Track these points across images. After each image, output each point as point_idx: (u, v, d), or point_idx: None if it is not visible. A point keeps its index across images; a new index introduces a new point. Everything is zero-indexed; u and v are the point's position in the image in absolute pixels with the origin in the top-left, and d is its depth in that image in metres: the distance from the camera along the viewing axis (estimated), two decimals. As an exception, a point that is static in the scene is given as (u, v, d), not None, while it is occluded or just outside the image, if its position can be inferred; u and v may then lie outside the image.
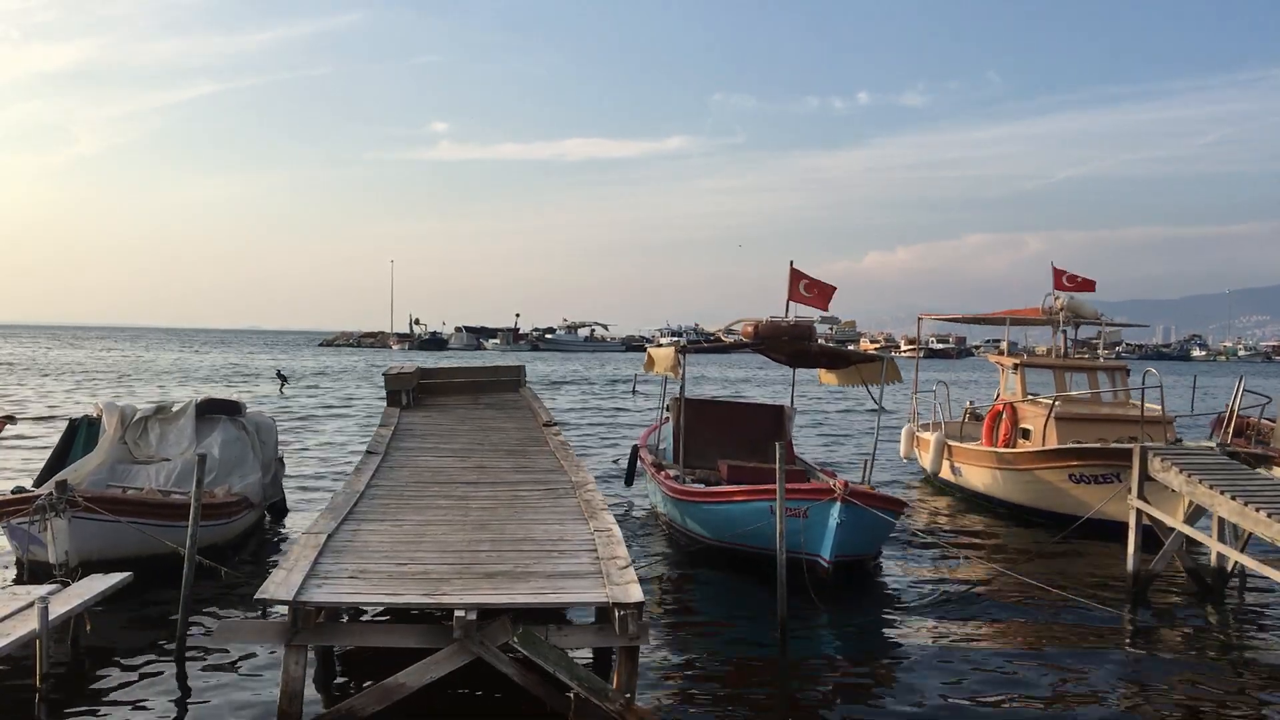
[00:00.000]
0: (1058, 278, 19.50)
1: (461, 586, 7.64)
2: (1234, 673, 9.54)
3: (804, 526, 11.28)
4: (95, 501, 10.84)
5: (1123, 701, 8.65)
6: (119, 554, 10.60)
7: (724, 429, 16.20)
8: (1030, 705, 8.46)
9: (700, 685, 8.76)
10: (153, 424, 13.70)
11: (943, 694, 8.67)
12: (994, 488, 17.37)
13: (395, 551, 8.63)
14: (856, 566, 12.29)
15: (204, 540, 10.53)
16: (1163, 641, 10.50)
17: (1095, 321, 20.15)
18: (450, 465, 12.70)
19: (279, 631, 7.18)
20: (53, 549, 10.53)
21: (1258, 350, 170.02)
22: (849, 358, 16.70)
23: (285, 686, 7.15)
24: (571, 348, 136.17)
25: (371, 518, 9.85)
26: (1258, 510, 10.23)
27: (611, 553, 8.51)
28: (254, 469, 13.90)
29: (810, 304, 15.56)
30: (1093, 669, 9.40)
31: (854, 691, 8.74)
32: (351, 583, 7.72)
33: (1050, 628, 10.72)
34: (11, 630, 7.91)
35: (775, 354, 16.58)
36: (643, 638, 7.27)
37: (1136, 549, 11.95)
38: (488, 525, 9.66)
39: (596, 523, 9.66)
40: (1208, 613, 11.60)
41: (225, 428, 13.96)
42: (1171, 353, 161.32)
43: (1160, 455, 11.96)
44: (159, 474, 12.93)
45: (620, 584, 7.63)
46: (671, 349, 15.75)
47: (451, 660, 7.23)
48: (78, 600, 8.81)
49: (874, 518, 11.84)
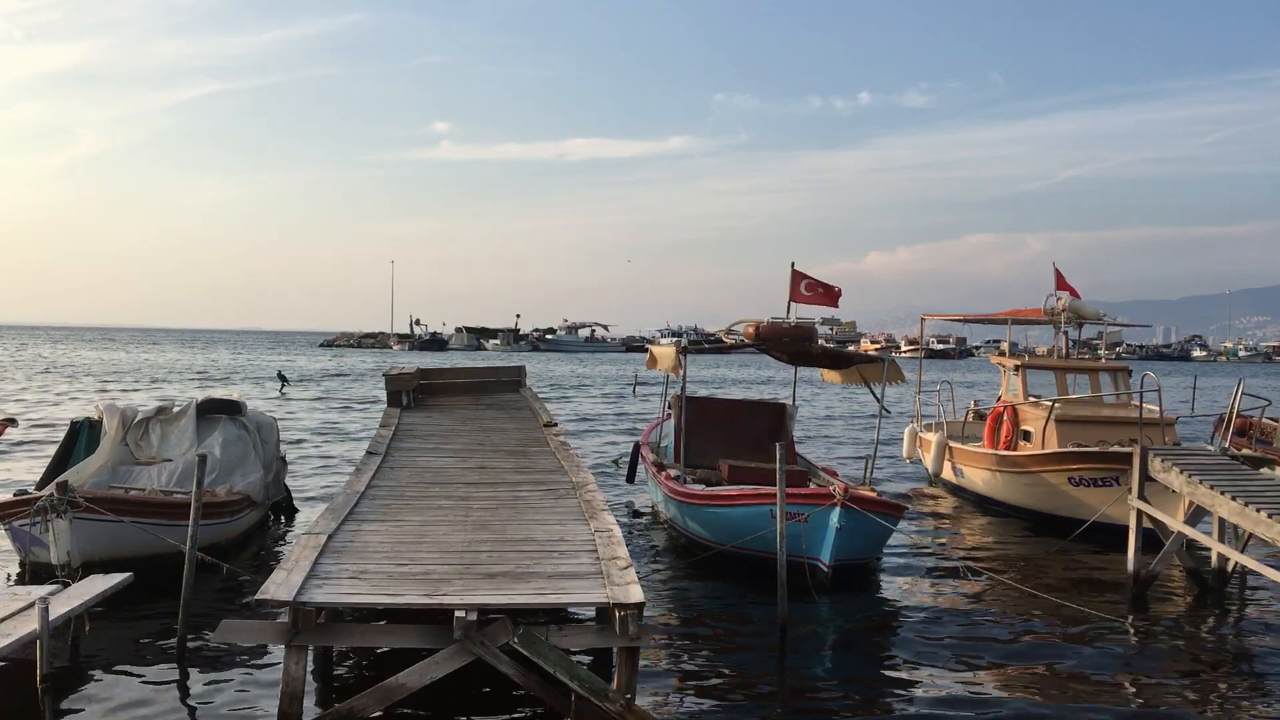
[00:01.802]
0: (1060, 279, 19.49)
1: (462, 587, 7.65)
2: (1235, 673, 9.54)
3: (804, 531, 11.29)
4: (96, 502, 10.85)
5: (1123, 702, 8.64)
6: (121, 554, 10.62)
7: (725, 427, 16.17)
8: (1031, 705, 8.45)
9: (700, 686, 8.76)
10: (154, 425, 13.71)
11: (943, 695, 8.67)
12: (995, 490, 17.36)
13: (396, 552, 8.64)
14: (857, 570, 12.29)
15: (205, 539, 10.55)
16: (1163, 642, 10.49)
17: (1097, 322, 20.11)
18: (451, 466, 12.70)
19: (279, 632, 7.19)
20: (54, 550, 10.54)
21: (1258, 351, 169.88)
22: (850, 359, 16.70)
23: (286, 687, 7.16)
24: (572, 348, 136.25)
25: (372, 518, 9.85)
26: (1258, 511, 10.23)
27: (612, 553, 8.52)
28: (256, 468, 13.92)
29: (819, 303, 15.57)
30: (1094, 669, 9.40)
31: (854, 693, 8.74)
32: (352, 583, 7.72)
33: (1050, 629, 10.71)
34: (12, 631, 7.93)
35: (777, 354, 16.59)
36: (643, 638, 7.29)
37: (1137, 550, 11.95)
38: (488, 526, 9.66)
39: (597, 523, 9.66)
40: (1208, 613, 11.59)
41: (226, 427, 13.97)
42: (1172, 353, 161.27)
43: (1161, 456, 11.95)
44: (161, 474, 12.94)
45: (621, 584, 7.63)
46: (673, 348, 15.75)
47: (452, 661, 7.23)
48: (78, 601, 8.81)
49: (874, 522, 11.85)
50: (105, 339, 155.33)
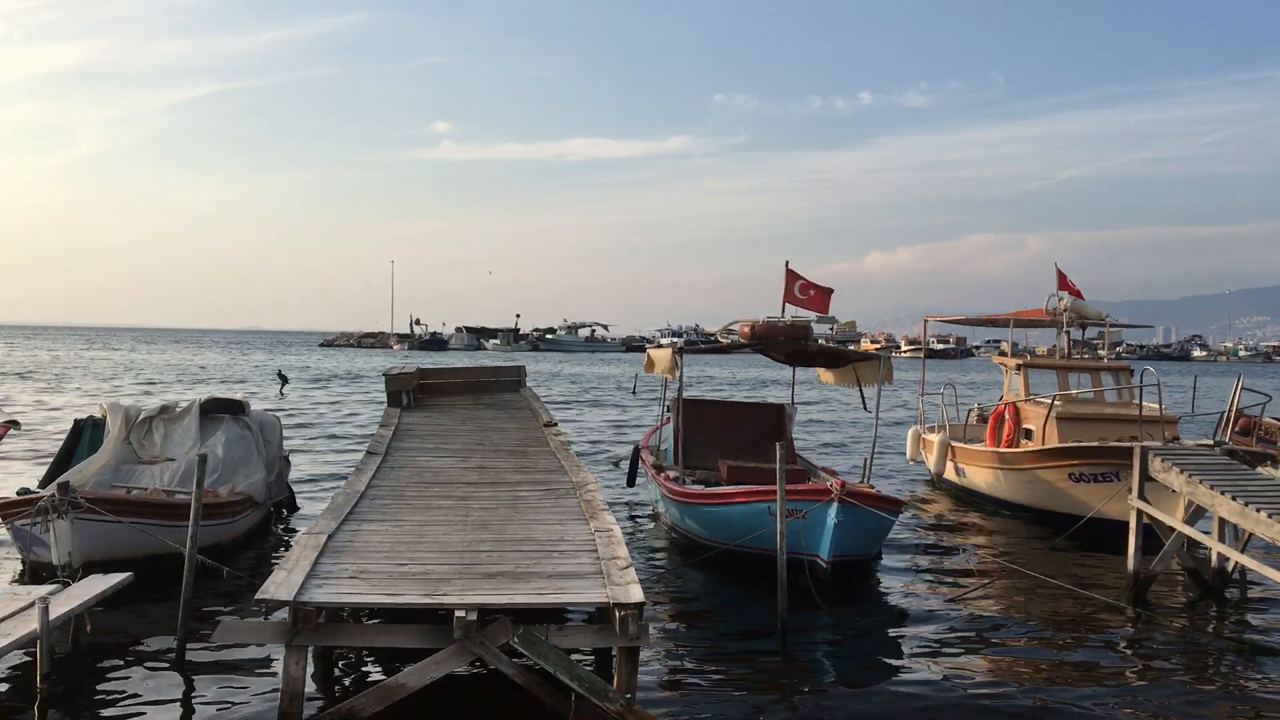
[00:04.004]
0: (1062, 279, 19.49)
1: (462, 587, 7.65)
2: (1234, 673, 9.54)
3: (802, 528, 11.29)
4: (97, 502, 10.85)
5: (1123, 702, 8.64)
6: (122, 554, 10.62)
7: (724, 429, 16.18)
8: (1031, 705, 8.45)
9: (700, 685, 8.76)
10: (157, 424, 13.73)
11: (942, 694, 8.67)
12: (995, 488, 17.37)
13: (396, 552, 8.65)
14: (856, 566, 12.29)
15: (207, 540, 10.56)
16: (1163, 642, 10.49)
17: (1099, 322, 20.11)
18: (451, 466, 12.71)
19: (279, 632, 7.19)
20: (55, 550, 10.54)
21: (1258, 351, 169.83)
22: (846, 357, 16.70)
23: (286, 687, 7.16)
24: (572, 348, 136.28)
25: (372, 518, 9.86)
26: (1258, 510, 10.23)
27: (612, 553, 8.52)
28: (258, 468, 13.92)
29: (807, 306, 15.55)
30: (1093, 669, 9.41)
31: (854, 691, 8.74)
32: (352, 583, 7.73)
33: (1050, 628, 10.72)
34: (12, 630, 7.93)
35: (773, 354, 16.59)
36: (643, 638, 7.28)
37: (1137, 549, 11.95)
38: (488, 525, 9.67)
39: (597, 523, 9.67)
40: (1208, 613, 11.60)
41: (229, 427, 13.98)
42: (1172, 353, 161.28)
43: (1161, 455, 11.95)
44: (164, 474, 12.95)
45: (621, 584, 7.64)
46: (669, 350, 15.76)
47: (452, 660, 7.24)
48: (78, 601, 8.82)
49: (872, 517, 11.85)
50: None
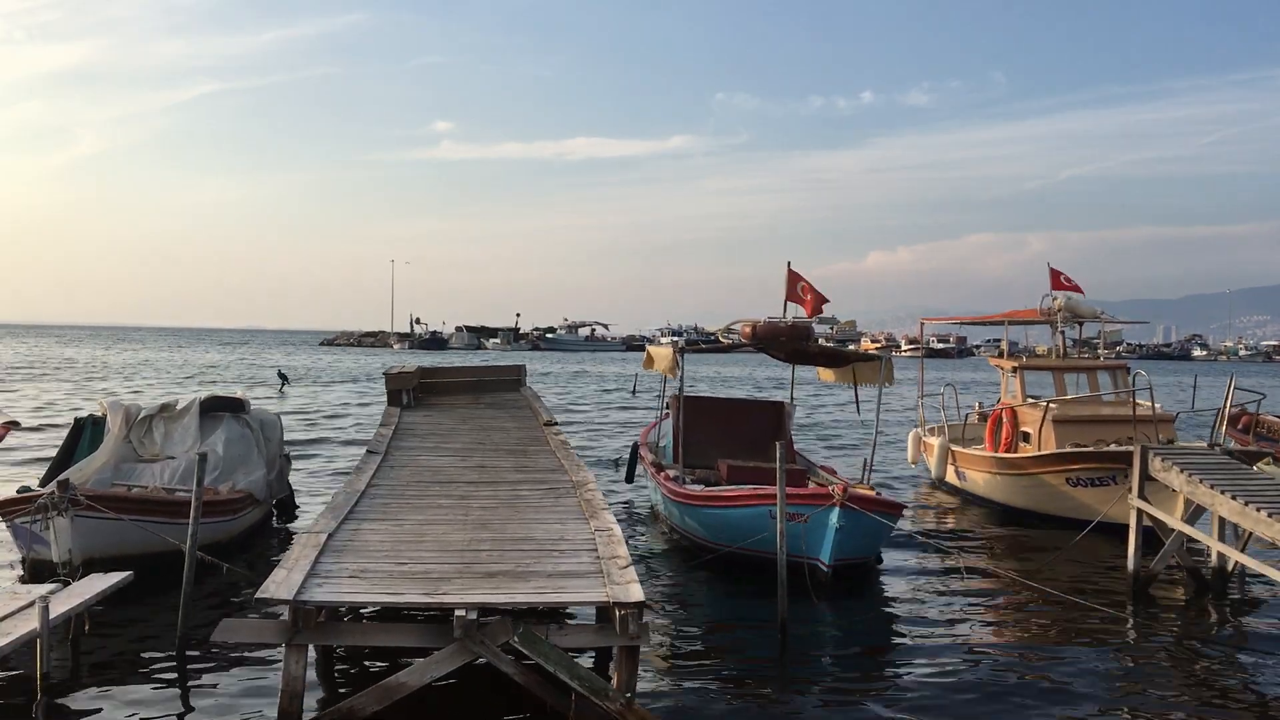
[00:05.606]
0: (1055, 278, 19.47)
1: (462, 586, 7.66)
2: (1234, 672, 9.54)
3: (804, 532, 11.30)
4: (97, 500, 10.86)
5: (1123, 702, 8.65)
6: (122, 552, 10.64)
7: (723, 427, 16.17)
8: (1030, 706, 8.46)
9: (700, 685, 8.76)
10: (157, 422, 13.73)
11: (943, 695, 8.66)
12: (995, 492, 17.36)
13: (396, 551, 8.65)
14: (857, 569, 12.30)
15: (207, 538, 10.56)
16: (1163, 641, 10.49)
17: (1095, 319, 20.10)
18: (451, 465, 12.71)
19: (279, 631, 7.20)
20: (55, 548, 10.55)
21: (1259, 350, 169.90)
22: (847, 357, 16.70)
23: (286, 686, 7.16)
24: (572, 347, 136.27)
25: (372, 517, 9.86)
26: (1258, 510, 10.24)
27: (612, 552, 8.53)
28: (259, 466, 13.93)
29: (800, 304, 15.59)
30: (1093, 669, 9.40)
31: (854, 692, 8.74)
32: (352, 582, 7.73)
33: (1050, 628, 10.73)
34: (12, 629, 7.93)
35: (774, 353, 16.59)
36: (643, 637, 7.28)
37: (1137, 549, 11.96)
38: (488, 525, 9.67)
39: (597, 522, 9.67)
40: (1208, 612, 11.60)
41: (229, 425, 13.99)
42: (1172, 353, 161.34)
43: (1161, 455, 11.96)
44: (164, 472, 12.96)
45: (621, 583, 7.64)
46: (670, 348, 15.76)
47: (452, 660, 7.24)
48: (78, 599, 8.82)
49: (873, 521, 11.86)
50: (105, 339, 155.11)
